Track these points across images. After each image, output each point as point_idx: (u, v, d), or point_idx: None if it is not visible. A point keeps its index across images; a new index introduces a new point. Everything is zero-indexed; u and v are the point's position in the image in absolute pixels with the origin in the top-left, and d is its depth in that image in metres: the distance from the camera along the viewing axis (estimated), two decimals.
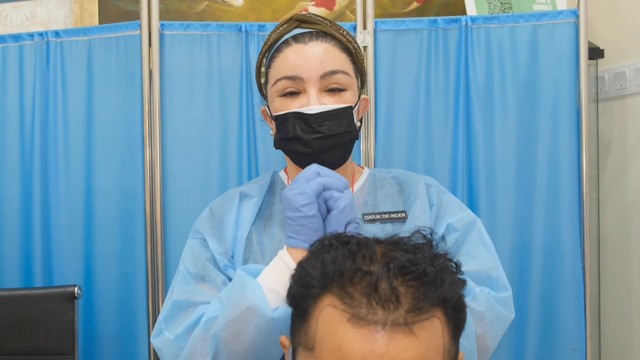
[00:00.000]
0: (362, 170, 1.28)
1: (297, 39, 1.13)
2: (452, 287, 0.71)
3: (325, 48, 1.12)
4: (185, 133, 1.84)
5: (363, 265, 0.71)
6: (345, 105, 1.11)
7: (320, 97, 1.10)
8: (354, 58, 1.17)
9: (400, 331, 0.67)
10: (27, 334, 1.65)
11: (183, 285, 1.10)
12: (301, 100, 1.11)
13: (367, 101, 1.22)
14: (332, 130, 1.09)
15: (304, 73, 1.09)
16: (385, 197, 1.21)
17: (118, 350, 1.85)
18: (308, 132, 1.08)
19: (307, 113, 1.09)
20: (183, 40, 1.84)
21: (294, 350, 0.76)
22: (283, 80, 1.11)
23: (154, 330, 1.09)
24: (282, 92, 1.12)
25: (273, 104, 1.15)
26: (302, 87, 1.10)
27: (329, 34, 1.14)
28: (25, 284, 1.85)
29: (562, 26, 1.83)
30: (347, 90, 1.13)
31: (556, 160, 1.83)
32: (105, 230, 1.85)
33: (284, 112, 1.11)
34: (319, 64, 1.09)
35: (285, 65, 1.11)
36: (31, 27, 2.20)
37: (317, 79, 1.09)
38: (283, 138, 1.12)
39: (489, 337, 1.05)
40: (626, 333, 2.03)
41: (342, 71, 1.12)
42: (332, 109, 1.09)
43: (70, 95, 1.86)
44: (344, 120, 1.11)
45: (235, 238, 1.15)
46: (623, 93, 2.01)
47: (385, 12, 2.22)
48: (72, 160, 1.86)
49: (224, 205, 1.19)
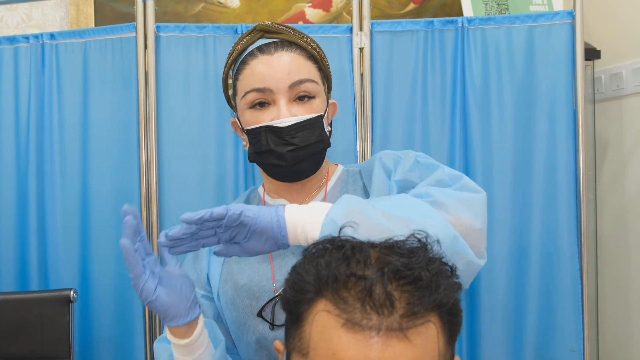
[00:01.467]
0: (336, 167, 1.27)
1: (263, 50, 1.13)
2: (447, 291, 0.70)
3: (291, 57, 1.12)
4: (182, 135, 1.83)
5: (357, 270, 0.70)
6: (316, 115, 1.12)
7: (290, 107, 1.11)
8: (319, 65, 1.17)
9: (395, 336, 0.66)
10: (23, 338, 1.65)
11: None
12: (271, 112, 1.11)
13: (335, 105, 1.23)
14: (305, 141, 1.09)
15: (273, 84, 1.10)
16: (354, 191, 1.20)
17: (114, 353, 1.84)
18: (281, 144, 1.09)
19: (278, 126, 1.09)
20: (179, 42, 1.84)
21: (288, 356, 0.75)
22: (252, 93, 1.11)
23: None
24: (252, 104, 1.12)
25: (243, 117, 1.15)
26: (271, 98, 1.11)
27: (294, 43, 1.14)
28: (21, 288, 1.84)
29: (559, 27, 1.83)
30: (316, 98, 1.13)
31: (553, 161, 1.83)
32: (102, 233, 1.84)
33: (255, 125, 1.12)
34: (286, 74, 1.10)
35: (252, 78, 1.12)
36: (27, 30, 2.20)
37: (285, 89, 1.10)
38: (257, 152, 1.13)
39: (462, 216, 0.99)
40: (624, 334, 2.03)
41: (310, 79, 1.12)
42: (302, 120, 1.10)
43: (66, 97, 1.86)
44: (316, 129, 1.11)
45: (210, 262, 1.19)
46: (620, 94, 2.01)
47: (382, 13, 2.22)
48: (68, 163, 1.85)
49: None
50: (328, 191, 1.22)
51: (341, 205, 0.94)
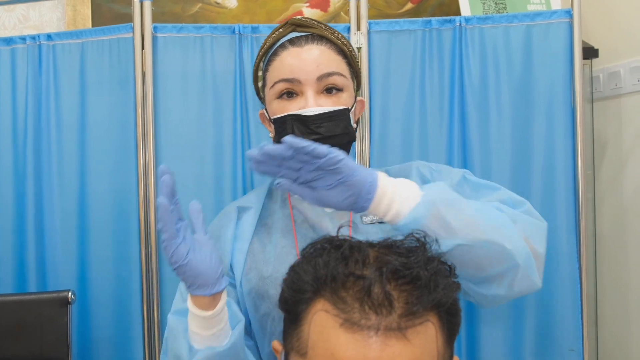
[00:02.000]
0: None
1: (294, 42, 1.15)
2: (446, 290, 0.70)
3: (321, 50, 1.13)
4: (179, 136, 1.83)
5: (356, 270, 0.70)
6: (343, 107, 1.12)
7: (317, 98, 1.11)
8: (349, 60, 1.18)
9: (394, 336, 0.66)
10: (22, 340, 1.64)
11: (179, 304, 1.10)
12: (299, 102, 1.12)
13: (363, 103, 1.23)
14: (330, 132, 1.09)
15: (301, 75, 1.11)
16: None
17: (113, 354, 1.84)
18: (306, 133, 1.09)
19: (305, 115, 1.09)
20: (176, 42, 1.83)
21: (287, 356, 0.75)
22: (280, 83, 1.12)
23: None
24: (280, 94, 1.13)
25: (271, 107, 1.16)
26: (299, 89, 1.12)
27: (325, 37, 1.16)
28: (19, 289, 1.83)
29: (557, 26, 1.83)
30: (344, 92, 1.14)
31: (552, 160, 1.82)
32: (100, 234, 1.84)
33: (282, 114, 1.12)
34: (315, 66, 1.11)
35: (282, 69, 1.13)
36: (24, 31, 2.19)
37: (314, 80, 1.11)
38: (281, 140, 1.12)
39: (531, 239, 1.01)
40: (623, 333, 2.03)
41: (339, 73, 1.13)
42: (329, 111, 1.10)
43: (63, 98, 1.85)
44: (342, 121, 1.11)
45: (234, 250, 1.16)
46: (618, 92, 2.01)
47: (380, 13, 2.22)
48: (66, 164, 1.85)
49: (219, 222, 1.20)
50: None
51: (438, 190, 0.95)
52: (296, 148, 0.87)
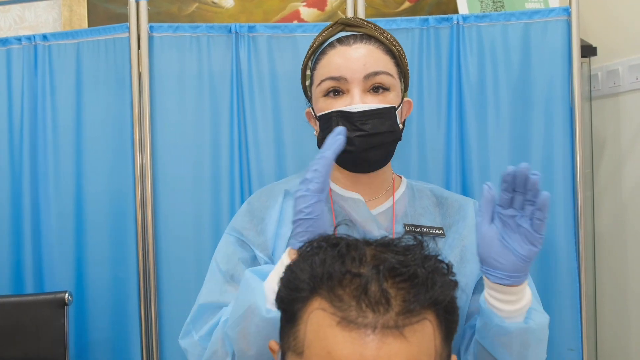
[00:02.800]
0: (400, 179, 1.27)
1: (342, 42, 1.15)
2: (443, 288, 0.70)
3: (369, 50, 1.13)
4: (176, 136, 1.82)
5: (352, 268, 0.69)
6: (389, 105, 1.12)
7: (363, 97, 1.11)
8: (397, 61, 1.18)
9: (391, 334, 0.65)
10: (18, 341, 1.64)
11: (211, 284, 1.12)
12: (345, 100, 1.12)
13: (410, 104, 1.23)
14: (375, 129, 1.10)
15: (348, 74, 1.11)
16: (422, 209, 1.21)
17: (110, 355, 1.83)
18: (351, 129, 1.09)
19: (350, 111, 1.10)
20: (172, 42, 1.83)
21: (283, 355, 0.74)
22: (327, 81, 1.13)
23: (182, 332, 1.12)
24: (326, 92, 1.13)
25: (317, 105, 1.16)
26: (345, 87, 1.12)
27: (373, 37, 1.15)
28: (16, 290, 1.83)
29: (554, 24, 1.82)
30: (391, 91, 1.14)
31: (550, 159, 1.82)
32: (96, 235, 1.83)
33: (327, 111, 1.12)
34: (362, 65, 1.11)
35: (329, 67, 1.13)
36: (20, 31, 2.19)
37: (360, 79, 1.11)
38: (326, 136, 1.12)
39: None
40: (623, 332, 2.02)
41: (386, 72, 1.13)
42: (375, 108, 1.10)
43: (59, 99, 1.85)
44: (387, 120, 1.11)
45: (277, 235, 1.16)
46: (616, 91, 2.00)
47: (378, 12, 2.21)
48: (62, 165, 1.84)
49: (266, 201, 1.20)
50: (396, 200, 1.21)
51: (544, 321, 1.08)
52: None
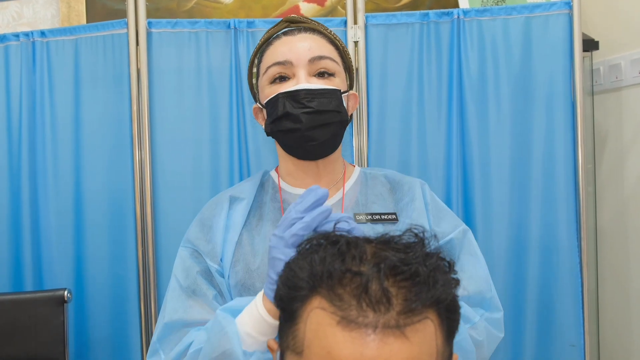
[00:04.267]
0: (353, 168, 1.28)
1: (287, 33, 1.18)
2: (445, 287, 0.68)
3: (313, 39, 1.17)
4: (175, 132, 1.81)
5: (353, 266, 0.68)
6: (334, 87, 1.14)
7: (309, 79, 1.13)
8: (341, 53, 1.20)
9: (392, 334, 0.64)
10: (17, 339, 1.63)
11: (174, 302, 1.12)
12: (291, 84, 1.13)
13: (356, 97, 1.24)
14: (322, 106, 1.11)
15: (293, 57, 1.13)
16: (375, 197, 1.22)
17: (110, 354, 1.82)
18: (297, 107, 1.10)
19: (295, 89, 1.11)
20: (171, 38, 1.81)
21: (282, 354, 0.73)
22: (273, 67, 1.14)
23: (149, 350, 1.11)
24: (272, 78, 1.15)
25: (264, 93, 1.17)
26: (291, 71, 1.13)
27: (317, 30, 1.19)
28: (15, 288, 1.82)
29: (556, 18, 1.81)
30: (336, 77, 1.16)
31: (552, 154, 1.81)
32: (96, 232, 1.82)
33: (274, 95, 1.13)
34: (307, 49, 1.14)
35: (274, 54, 1.15)
36: (18, 28, 2.17)
37: (305, 62, 1.13)
38: (273, 119, 1.14)
39: (487, 350, 1.13)
40: (625, 328, 2.02)
41: (330, 57, 1.15)
42: (321, 88, 1.12)
43: (58, 95, 1.84)
44: (333, 100, 1.12)
45: (225, 240, 1.16)
46: (618, 85, 1.99)
47: (378, 6, 2.20)
48: (61, 162, 1.83)
49: (213, 210, 1.21)
50: (347, 190, 1.21)
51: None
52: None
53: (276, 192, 1.22)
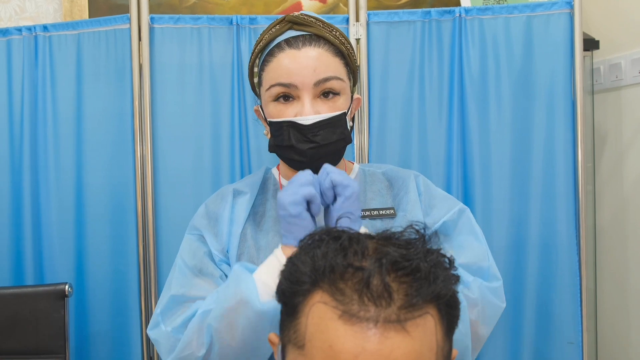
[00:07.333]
0: (352, 165, 1.29)
1: (290, 44, 1.13)
2: (445, 283, 0.69)
3: (319, 53, 1.12)
4: (177, 128, 1.82)
5: (354, 261, 0.69)
6: (339, 113, 1.13)
7: (314, 104, 1.11)
8: (347, 60, 1.17)
9: (393, 328, 0.65)
10: (17, 333, 1.63)
11: (181, 279, 1.13)
12: (295, 107, 1.11)
13: (359, 101, 1.24)
14: (326, 139, 1.10)
15: (298, 80, 1.10)
16: (374, 193, 1.23)
17: (111, 348, 1.83)
18: (303, 141, 1.10)
19: (301, 123, 1.10)
20: (173, 33, 1.82)
21: (283, 348, 0.74)
22: (277, 87, 1.12)
23: (150, 322, 1.11)
24: (276, 97, 1.13)
25: (267, 108, 1.15)
26: (296, 93, 1.11)
27: (322, 37, 1.14)
28: (16, 282, 1.83)
29: (557, 17, 1.82)
30: (341, 95, 1.14)
31: (552, 152, 1.81)
32: (97, 227, 1.83)
33: (278, 119, 1.12)
34: (312, 71, 1.10)
35: (278, 71, 1.12)
36: (20, 22, 2.17)
37: (310, 86, 1.10)
38: (278, 145, 1.14)
39: (482, 323, 1.09)
40: (623, 326, 2.03)
41: (336, 77, 1.12)
42: (325, 118, 1.11)
43: (60, 90, 1.84)
44: (338, 127, 1.12)
45: (229, 233, 1.17)
46: (619, 84, 2.00)
47: (379, 4, 2.20)
48: (62, 157, 1.84)
49: (220, 203, 1.22)
50: None
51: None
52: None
53: (277, 190, 1.23)
